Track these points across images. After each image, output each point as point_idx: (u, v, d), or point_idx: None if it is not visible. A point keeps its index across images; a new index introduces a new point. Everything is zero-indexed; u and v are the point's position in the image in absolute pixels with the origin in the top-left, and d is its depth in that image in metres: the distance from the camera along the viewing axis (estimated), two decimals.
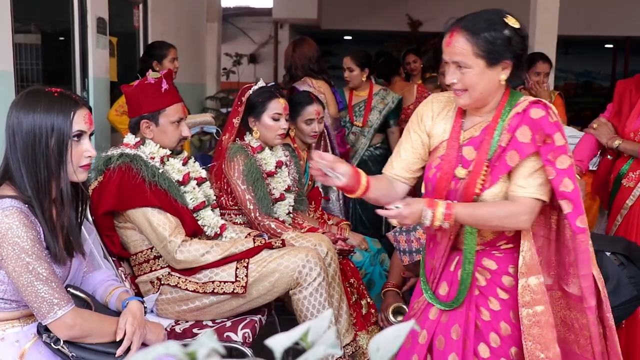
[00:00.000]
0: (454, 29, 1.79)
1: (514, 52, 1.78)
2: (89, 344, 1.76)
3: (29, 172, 1.70)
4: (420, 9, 10.75)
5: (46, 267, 1.67)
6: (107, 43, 4.49)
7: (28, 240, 1.64)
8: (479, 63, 1.77)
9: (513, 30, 1.77)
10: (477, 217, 1.79)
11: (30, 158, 1.70)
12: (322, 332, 0.66)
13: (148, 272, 2.45)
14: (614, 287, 2.27)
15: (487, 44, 1.75)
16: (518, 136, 1.76)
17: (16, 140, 1.71)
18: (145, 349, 0.66)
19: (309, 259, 2.41)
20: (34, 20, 4.23)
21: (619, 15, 9.47)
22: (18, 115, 1.71)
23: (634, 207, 2.66)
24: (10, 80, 3.29)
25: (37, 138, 1.69)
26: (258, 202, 2.81)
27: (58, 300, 1.67)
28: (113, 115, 4.10)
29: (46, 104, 1.71)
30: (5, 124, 1.74)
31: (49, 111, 1.70)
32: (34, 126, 1.69)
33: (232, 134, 2.98)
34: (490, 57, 1.76)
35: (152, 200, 2.34)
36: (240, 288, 2.37)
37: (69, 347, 1.75)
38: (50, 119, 1.70)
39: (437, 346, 1.93)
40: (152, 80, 2.41)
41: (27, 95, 1.75)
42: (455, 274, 1.93)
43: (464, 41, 1.77)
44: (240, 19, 11.48)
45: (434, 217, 1.74)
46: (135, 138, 2.47)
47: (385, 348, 0.65)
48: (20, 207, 1.66)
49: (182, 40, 6.16)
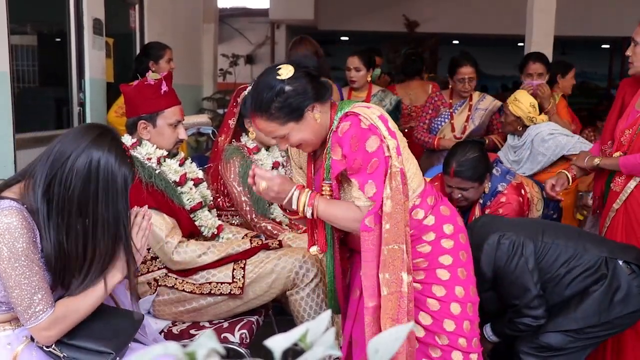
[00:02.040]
0: (251, 116, 1.90)
1: (309, 94, 1.84)
2: (81, 345, 1.75)
3: (62, 200, 1.67)
4: (417, 10, 10.76)
5: (36, 272, 1.65)
6: (103, 44, 4.48)
7: (23, 242, 1.63)
8: (290, 126, 1.86)
9: (290, 81, 1.83)
10: (331, 216, 1.91)
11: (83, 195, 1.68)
12: (321, 333, 0.66)
13: (145, 273, 2.44)
14: (624, 296, 2.28)
15: (282, 109, 1.84)
16: (332, 154, 1.87)
17: (70, 169, 1.67)
18: (143, 350, 0.66)
19: (306, 259, 2.41)
20: (30, 21, 4.22)
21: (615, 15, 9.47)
22: (90, 151, 1.68)
23: (619, 210, 2.69)
24: (6, 81, 3.29)
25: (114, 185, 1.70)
26: (254, 204, 2.81)
27: (42, 307, 1.66)
28: (113, 116, 4.09)
29: (124, 158, 1.72)
30: (62, 148, 1.69)
31: (125, 167, 1.72)
32: (113, 173, 1.70)
33: (228, 135, 2.98)
34: (293, 116, 1.84)
35: (149, 201, 2.33)
36: (237, 289, 2.37)
37: (61, 348, 1.74)
38: (124, 175, 1.72)
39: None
40: (151, 82, 2.41)
41: (106, 137, 1.73)
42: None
43: (265, 123, 1.87)
44: (236, 20, 11.47)
45: (299, 201, 1.88)
46: (132, 139, 2.46)
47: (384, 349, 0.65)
48: (20, 208, 1.65)
49: (179, 41, 6.15)
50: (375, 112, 1.87)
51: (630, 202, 2.65)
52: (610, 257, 2.31)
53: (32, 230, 1.67)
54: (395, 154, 1.83)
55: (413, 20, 10.84)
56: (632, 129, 2.68)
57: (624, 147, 2.71)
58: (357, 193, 1.86)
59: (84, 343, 1.76)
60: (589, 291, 2.28)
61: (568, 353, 2.30)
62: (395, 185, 1.81)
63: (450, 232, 1.99)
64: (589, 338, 2.30)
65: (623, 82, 3.01)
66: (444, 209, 2.02)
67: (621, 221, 2.69)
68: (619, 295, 2.26)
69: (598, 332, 2.30)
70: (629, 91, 2.87)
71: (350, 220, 1.88)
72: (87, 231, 1.71)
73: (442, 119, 4.15)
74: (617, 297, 2.26)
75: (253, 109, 1.86)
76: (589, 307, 2.26)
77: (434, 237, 1.97)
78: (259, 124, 1.89)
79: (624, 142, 2.71)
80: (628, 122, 2.72)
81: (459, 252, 1.98)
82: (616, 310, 2.26)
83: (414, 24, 10.85)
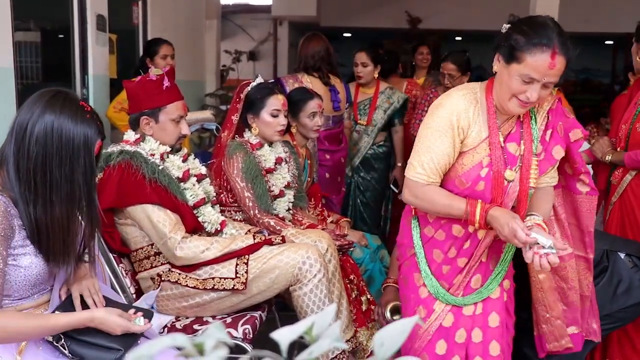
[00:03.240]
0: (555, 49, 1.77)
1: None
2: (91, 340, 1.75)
3: (27, 165, 1.65)
4: (420, 6, 10.74)
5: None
6: (106, 40, 4.49)
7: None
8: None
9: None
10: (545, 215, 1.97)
11: (47, 164, 1.66)
12: (327, 326, 0.67)
13: (148, 269, 2.45)
14: (626, 288, 2.28)
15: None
16: (559, 131, 1.88)
17: (27, 133, 1.66)
18: (151, 341, 0.66)
19: (309, 255, 2.42)
20: (34, 17, 4.23)
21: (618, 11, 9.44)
22: (43, 112, 1.66)
23: (616, 204, 2.72)
24: (10, 77, 3.30)
25: (68, 146, 1.67)
26: (257, 200, 2.81)
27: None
28: (111, 112, 4.10)
29: (82, 117, 1.69)
30: (20, 120, 1.68)
31: (82, 125, 1.69)
32: (67, 134, 1.67)
33: (231, 131, 2.98)
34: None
35: (152, 197, 2.34)
36: (240, 284, 2.38)
37: (70, 344, 1.74)
38: (82, 134, 1.68)
39: (473, 339, 2.01)
40: (154, 77, 2.41)
41: (58, 99, 1.70)
42: (488, 265, 2.02)
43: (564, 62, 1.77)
44: (239, 16, 11.46)
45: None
46: (135, 135, 2.47)
47: (390, 343, 0.65)
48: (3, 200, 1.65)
49: (181, 37, 6.16)
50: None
51: (627, 195, 2.68)
52: (610, 249, 2.32)
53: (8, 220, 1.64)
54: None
55: (415, 17, 10.81)
56: (626, 123, 2.72)
57: (621, 142, 2.73)
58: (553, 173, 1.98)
59: (93, 339, 1.76)
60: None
61: None
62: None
63: None
64: None
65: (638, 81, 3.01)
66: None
67: (617, 214, 2.72)
68: (621, 288, 2.26)
69: (602, 326, 2.30)
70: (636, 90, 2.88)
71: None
72: (45, 198, 1.68)
73: None
74: (619, 290, 2.27)
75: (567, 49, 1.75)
76: None
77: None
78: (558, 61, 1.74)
79: (621, 137, 2.74)
80: (625, 118, 2.76)
81: None
82: (618, 303, 2.26)
83: (417, 21, 10.83)
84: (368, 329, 2.77)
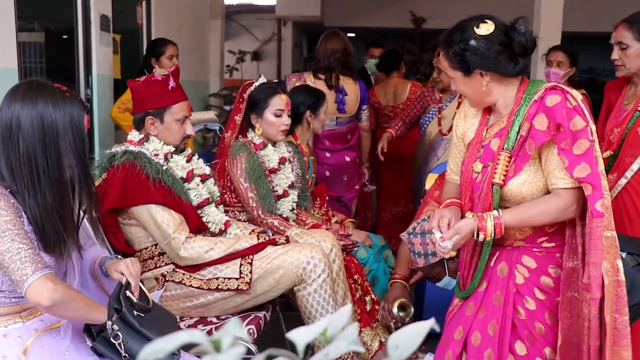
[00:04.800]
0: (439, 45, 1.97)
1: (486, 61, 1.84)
2: (151, 337, 1.74)
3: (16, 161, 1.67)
4: (424, 6, 10.73)
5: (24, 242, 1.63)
6: (110, 40, 4.49)
7: (7, 217, 1.62)
8: (457, 74, 1.91)
9: (480, 38, 1.84)
10: (527, 220, 1.86)
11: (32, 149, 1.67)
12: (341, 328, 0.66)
13: (153, 269, 2.45)
14: (629, 288, 2.26)
15: (457, 56, 1.87)
16: (535, 124, 1.80)
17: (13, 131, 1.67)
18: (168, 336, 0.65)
19: (314, 255, 2.41)
20: (38, 18, 4.24)
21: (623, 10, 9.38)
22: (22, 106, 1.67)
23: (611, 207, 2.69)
24: (14, 77, 3.30)
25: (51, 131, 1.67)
26: (260, 200, 2.81)
27: (34, 265, 1.62)
28: (115, 112, 4.10)
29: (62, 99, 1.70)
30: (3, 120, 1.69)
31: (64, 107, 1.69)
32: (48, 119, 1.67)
33: (234, 131, 2.98)
34: (462, 68, 1.89)
35: (156, 197, 2.34)
36: (244, 284, 2.38)
37: (128, 341, 1.74)
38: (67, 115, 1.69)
39: (472, 342, 1.97)
40: (159, 77, 2.41)
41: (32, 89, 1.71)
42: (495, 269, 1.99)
43: (442, 57, 1.93)
44: (243, 16, 11.46)
45: (485, 234, 1.83)
46: (139, 135, 2.46)
47: (405, 345, 0.64)
48: (4, 193, 1.65)
49: (185, 37, 6.16)
50: (578, 95, 1.82)
51: (623, 199, 2.65)
52: None
53: (14, 209, 1.66)
54: (597, 139, 1.79)
55: (420, 17, 10.81)
56: (620, 127, 2.70)
57: (613, 146, 2.71)
58: (561, 173, 1.79)
59: (154, 334, 1.76)
60: None
61: None
62: (601, 169, 1.77)
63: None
64: None
65: (607, 85, 3.03)
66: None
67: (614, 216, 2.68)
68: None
69: None
70: (613, 93, 2.88)
71: (554, 212, 1.81)
72: (35, 190, 1.68)
73: (431, 115, 4.18)
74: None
75: (442, 40, 1.92)
76: None
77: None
78: (440, 53, 1.98)
79: (613, 140, 2.72)
80: (617, 121, 2.74)
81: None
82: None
83: (421, 20, 10.82)
84: (372, 329, 2.77)
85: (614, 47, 2.71)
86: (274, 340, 1.88)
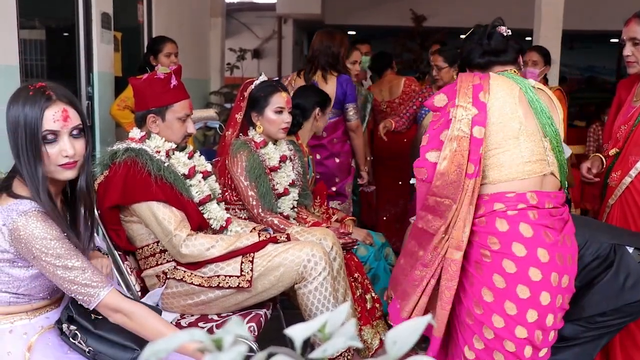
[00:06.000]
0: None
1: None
2: (107, 336, 1.76)
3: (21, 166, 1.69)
4: (424, 4, 10.72)
5: (77, 258, 1.68)
6: (111, 38, 4.49)
7: (53, 239, 1.65)
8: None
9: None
10: None
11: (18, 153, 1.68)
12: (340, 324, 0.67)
13: (154, 266, 2.45)
14: (634, 282, 2.26)
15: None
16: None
17: (8, 135, 1.70)
18: (168, 336, 0.66)
19: (314, 253, 2.42)
20: (39, 15, 4.23)
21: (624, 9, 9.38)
22: (7, 110, 1.69)
23: (614, 206, 2.68)
24: (15, 75, 3.31)
25: (16, 135, 1.67)
26: (261, 198, 2.81)
27: (97, 284, 1.68)
28: (115, 109, 4.11)
29: (23, 99, 1.67)
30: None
31: (23, 108, 1.65)
32: (13, 122, 1.67)
33: (235, 129, 2.98)
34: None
35: (158, 194, 2.34)
36: (245, 282, 2.38)
37: (87, 339, 1.75)
38: (23, 115, 1.65)
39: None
40: (161, 75, 2.41)
41: (16, 91, 1.73)
42: None
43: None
44: (243, 14, 11.46)
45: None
46: (141, 132, 2.47)
47: (403, 342, 0.65)
48: (39, 208, 1.67)
49: (186, 35, 6.16)
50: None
51: (626, 198, 2.64)
52: (618, 243, 2.29)
53: (57, 222, 1.69)
54: (468, 121, 1.94)
55: (420, 15, 10.80)
56: (627, 124, 2.68)
57: (619, 143, 2.70)
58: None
59: (109, 334, 1.77)
60: (597, 278, 2.27)
61: (582, 343, 2.28)
62: (454, 149, 1.93)
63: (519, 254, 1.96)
64: (602, 327, 2.28)
65: (620, 84, 3.01)
66: (524, 227, 1.96)
67: (616, 217, 2.67)
68: (629, 282, 2.24)
69: (610, 321, 2.27)
70: (624, 91, 2.86)
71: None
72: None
73: (426, 110, 4.21)
74: (627, 285, 2.24)
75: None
76: (597, 294, 2.24)
77: (499, 247, 1.97)
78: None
79: (620, 138, 2.70)
80: (625, 118, 2.72)
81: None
82: (625, 298, 2.24)
83: (421, 18, 10.82)
84: (372, 327, 2.77)
85: (625, 44, 2.67)
86: (274, 338, 1.89)
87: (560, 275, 1.98)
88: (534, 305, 1.95)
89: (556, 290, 1.97)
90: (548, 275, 1.95)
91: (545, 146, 2.05)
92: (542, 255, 1.94)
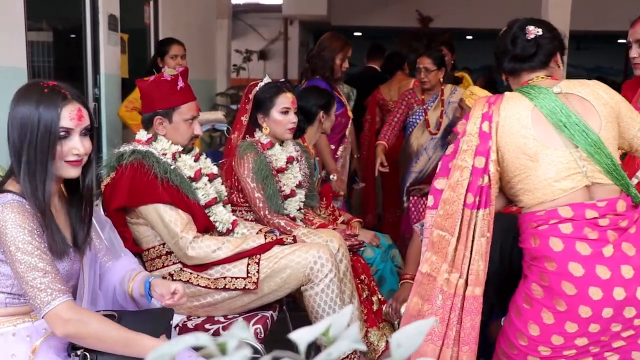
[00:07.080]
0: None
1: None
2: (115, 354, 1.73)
3: (20, 164, 1.69)
4: (431, 5, 10.70)
5: (43, 259, 1.65)
6: (118, 40, 4.51)
7: (24, 234, 1.63)
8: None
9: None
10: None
11: (21, 151, 1.68)
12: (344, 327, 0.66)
13: (160, 268, 2.46)
14: None
15: None
16: None
17: (10, 133, 1.70)
18: (173, 340, 0.66)
19: (321, 255, 2.42)
20: (46, 17, 4.25)
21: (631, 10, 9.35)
22: (13, 108, 1.70)
23: None
24: (23, 76, 3.32)
25: (25, 132, 1.67)
26: (268, 200, 2.81)
27: (52, 291, 1.64)
28: (123, 111, 4.12)
29: (37, 97, 1.68)
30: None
31: (38, 106, 1.67)
32: (23, 119, 1.67)
33: (241, 132, 2.98)
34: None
35: (164, 197, 2.35)
36: (251, 284, 2.38)
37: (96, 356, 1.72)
38: (37, 113, 1.67)
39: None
40: (168, 77, 2.42)
41: (23, 89, 1.74)
42: None
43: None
44: (250, 16, 11.46)
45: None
46: (148, 134, 2.47)
47: (407, 344, 0.65)
48: (20, 201, 1.66)
49: (193, 36, 6.17)
50: (483, 92, 2.13)
51: None
52: None
53: (34, 220, 1.67)
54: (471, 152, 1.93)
55: (426, 16, 10.79)
56: None
57: None
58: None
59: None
60: None
61: None
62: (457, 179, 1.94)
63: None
64: None
65: (625, 84, 3.00)
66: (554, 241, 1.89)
67: None
68: None
69: None
70: (630, 92, 2.85)
71: None
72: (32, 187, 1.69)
73: (417, 117, 4.18)
74: None
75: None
76: None
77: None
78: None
79: None
80: None
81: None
82: None
83: (428, 19, 10.80)
84: (379, 329, 2.77)
85: (632, 45, 2.66)
86: (280, 340, 1.88)
87: (605, 288, 1.82)
88: (572, 318, 1.85)
89: (600, 304, 1.83)
90: (584, 289, 1.83)
91: (577, 157, 1.90)
92: (575, 269, 1.84)
